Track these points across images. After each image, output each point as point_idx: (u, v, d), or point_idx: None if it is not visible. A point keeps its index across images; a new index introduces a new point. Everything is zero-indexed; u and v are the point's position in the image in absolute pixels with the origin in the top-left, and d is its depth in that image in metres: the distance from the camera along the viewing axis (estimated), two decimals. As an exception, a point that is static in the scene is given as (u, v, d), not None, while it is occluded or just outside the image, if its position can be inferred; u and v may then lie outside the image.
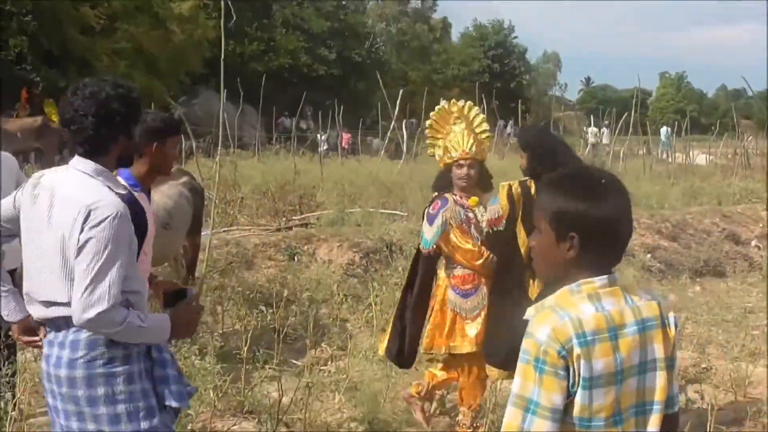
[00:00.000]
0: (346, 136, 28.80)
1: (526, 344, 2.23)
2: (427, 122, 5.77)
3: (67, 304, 3.08)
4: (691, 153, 26.86)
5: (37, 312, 3.25)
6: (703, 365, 7.14)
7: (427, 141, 5.85)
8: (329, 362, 7.14)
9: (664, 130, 31.97)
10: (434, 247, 5.40)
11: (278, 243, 9.76)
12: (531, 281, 5.17)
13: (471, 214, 5.44)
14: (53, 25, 26.79)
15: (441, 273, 5.62)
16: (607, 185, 2.32)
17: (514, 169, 13.69)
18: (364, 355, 6.93)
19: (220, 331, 7.42)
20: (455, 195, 5.45)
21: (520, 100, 28.14)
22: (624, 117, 22.18)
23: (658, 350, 2.32)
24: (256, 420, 5.53)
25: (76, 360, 3.14)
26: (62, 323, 3.16)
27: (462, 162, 5.43)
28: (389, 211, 12.13)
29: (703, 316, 9.31)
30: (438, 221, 5.33)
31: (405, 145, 18.59)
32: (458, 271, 5.45)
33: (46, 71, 26.91)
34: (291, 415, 5.48)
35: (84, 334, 3.13)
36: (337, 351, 7.29)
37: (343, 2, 48.75)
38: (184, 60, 32.32)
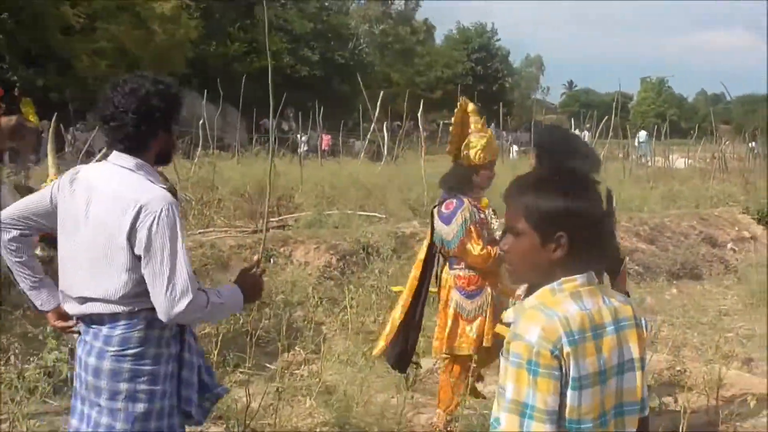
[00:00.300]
0: (326, 138, 28.72)
1: (515, 347, 2.18)
2: (453, 119, 5.64)
3: (104, 300, 3.12)
4: (670, 157, 26.96)
5: (72, 309, 3.26)
6: (678, 368, 7.13)
7: (450, 138, 5.70)
8: (302, 366, 7.07)
9: (642, 134, 32.13)
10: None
11: (254, 245, 9.67)
12: None
13: (483, 215, 5.43)
14: (32, 23, 26.59)
15: (443, 273, 5.59)
16: (589, 182, 2.32)
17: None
18: (338, 359, 6.87)
19: (193, 334, 7.32)
20: (470, 196, 5.42)
21: (501, 103, 28.15)
22: (604, 120, 22.23)
23: (634, 350, 2.31)
24: (225, 426, 5.47)
25: (105, 351, 3.14)
26: (96, 318, 3.18)
27: (492, 165, 5.48)
28: (368, 213, 12.08)
29: (678, 318, 9.32)
30: (458, 220, 5.28)
31: (386, 147, 18.55)
32: (463, 272, 5.43)
33: (24, 70, 26.71)
34: (261, 421, 5.41)
35: (117, 331, 3.15)
36: (310, 354, 7.22)
37: (326, 3, 48.70)
38: (166, 60, 32.11)
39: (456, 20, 74.52)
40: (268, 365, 6.94)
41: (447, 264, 5.53)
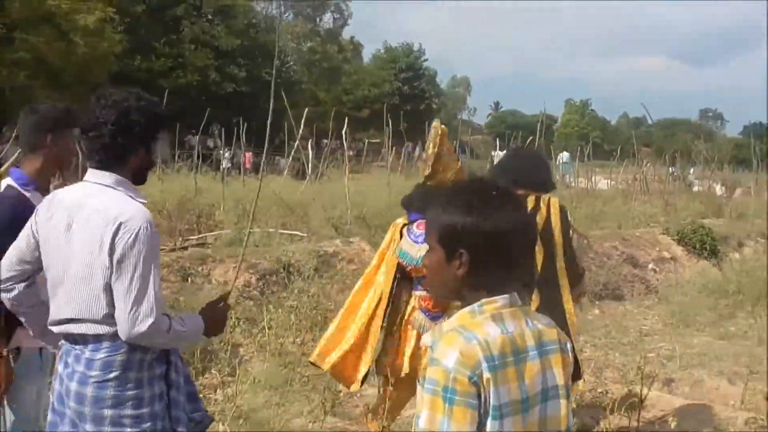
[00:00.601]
0: (248, 155, 28.36)
1: (431, 372, 2.03)
2: (433, 142, 5.52)
3: (88, 320, 3.09)
4: (593, 178, 27.33)
5: (57, 329, 3.22)
6: (600, 389, 7.11)
7: (430, 161, 5.59)
8: (217, 390, 6.82)
9: (564, 155, 32.54)
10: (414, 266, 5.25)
11: (171, 264, 9.39)
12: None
13: None
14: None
15: (404, 294, 5.47)
16: (497, 197, 2.15)
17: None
18: (254, 382, 6.66)
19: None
20: None
21: (427, 123, 28.13)
22: (529, 141, 22.39)
23: (558, 377, 2.17)
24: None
25: (88, 377, 3.10)
26: (79, 338, 3.15)
27: None
28: (289, 232, 11.87)
29: (601, 339, 9.35)
30: None
31: (310, 165, 18.37)
32: (427, 293, 5.31)
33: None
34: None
35: (100, 355, 3.11)
36: (226, 377, 6.97)
37: (254, 20, 48.38)
38: (88, 73, 31.46)
39: (383, 40, 75.17)
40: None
41: (412, 284, 5.42)
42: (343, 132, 17.38)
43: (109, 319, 3.07)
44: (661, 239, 15.00)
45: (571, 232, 5.59)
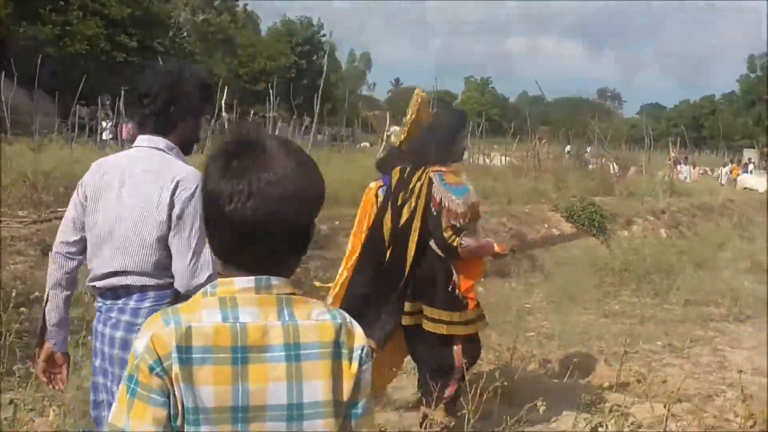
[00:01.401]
0: (126, 127, 27.22)
1: (129, 357, 1.70)
2: (411, 110, 5.80)
3: (135, 273, 3.18)
4: (490, 155, 27.41)
5: (101, 283, 3.26)
6: (473, 371, 6.87)
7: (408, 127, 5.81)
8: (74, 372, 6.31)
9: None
10: None
11: (31, 236, 8.79)
12: None
13: None
14: None
15: None
16: (240, 156, 1.72)
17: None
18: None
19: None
20: None
21: (316, 95, 27.66)
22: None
23: (321, 390, 1.73)
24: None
25: (134, 325, 3.17)
26: (122, 291, 3.23)
27: None
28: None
29: (481, 318, 9.12)
30: None
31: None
32: None
33: None
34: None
35: (146, 303, 3.20)
36: (84, 359, 6.45)
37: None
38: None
39: (282, 14, 74.44)
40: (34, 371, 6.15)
41: None
42: (222, 102, 16.87)
43: (157, 271, 3.17)
44: (550, 216, 15.01)
45: (432, 205, 5.32)
